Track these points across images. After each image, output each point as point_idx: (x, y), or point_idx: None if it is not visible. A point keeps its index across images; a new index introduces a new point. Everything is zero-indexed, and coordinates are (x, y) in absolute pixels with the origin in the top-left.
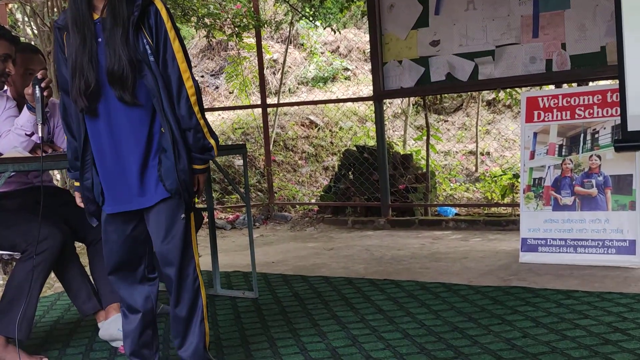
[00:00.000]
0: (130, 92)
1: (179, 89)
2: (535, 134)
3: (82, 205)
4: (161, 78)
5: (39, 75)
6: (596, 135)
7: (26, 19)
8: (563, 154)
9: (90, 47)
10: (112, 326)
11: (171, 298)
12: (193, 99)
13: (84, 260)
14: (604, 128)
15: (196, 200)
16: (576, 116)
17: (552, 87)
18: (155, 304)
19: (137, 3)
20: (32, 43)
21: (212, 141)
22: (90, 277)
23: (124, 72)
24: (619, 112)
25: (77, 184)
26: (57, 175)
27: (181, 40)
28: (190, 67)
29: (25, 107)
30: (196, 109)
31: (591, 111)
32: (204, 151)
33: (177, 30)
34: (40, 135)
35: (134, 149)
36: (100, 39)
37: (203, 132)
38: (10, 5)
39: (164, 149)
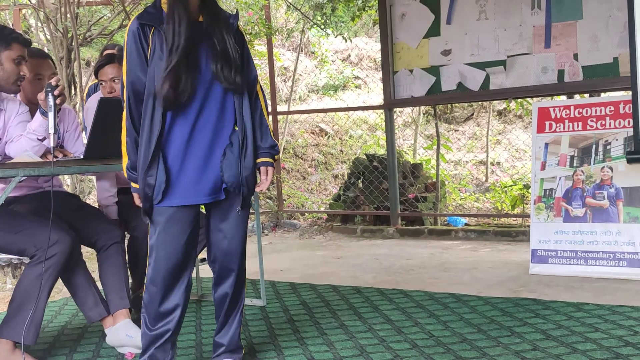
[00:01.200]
0: (238, 74)
1: (253, 91)
2: (546, 145)
3: (139, 204)
4: (244, 80)
5: (52, 82)
6: (608, 147)
7: (39, 24)
8: (574, 165)
9: (192, 45)
10: (120, 332)
11: (224, 287)
12: (263, 103)
13: (91, 266)
14: (616, 139)
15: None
16: (588, 127)
17: (563, 97)
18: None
19: (233, 14)
20: (45, 49)
21: (275, 140)
22: (100, 282)
23: (232, 55)
24: (631, 124)
25: (135, 185)
26: (67, 181)
27: None
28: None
29: (38, 112)
30: (265, 113)
31: (603, 122)
32: (272, 147)
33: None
34: (51, 143)
35: (220, 142)
36: (202, 41)
37: (270, 131)
38: (23, 11)
39: (231, 143)
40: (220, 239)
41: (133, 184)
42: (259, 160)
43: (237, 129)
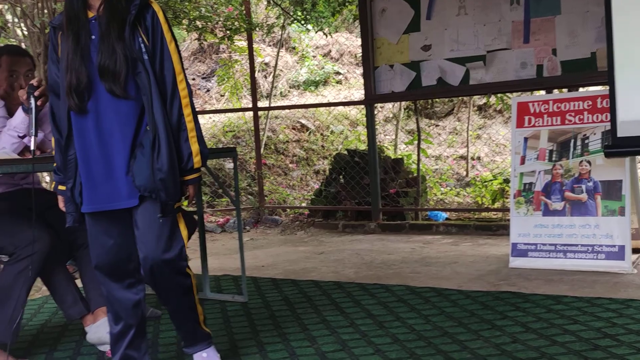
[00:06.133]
0: (121, 86)
1: (173, 89)
2: (525, 139)
3: (63, 207)
4: (154, 77)
5: (34, 83)
6: (586, 141)
7: (16, 20)
8: (553, 159)
9: (84, 44)
10: (100, 329)
11: (159, 298)
12: (185, 100)
13: None
14: (594, 134)
15: (185, 203)
16: (566, 122)
17: (542, 92)
18: (144, 309)
19: (134, 3)
20: (22, 45)
21: (195, 147)
22: (80, 280)
23: (117, 66)
24: (609, 118)
25: (61, 187)
26: (46, 178)
27: (176, 43)
28: (183, 69)
29: (20, 108)
30: (187, 111)
31: (581, 117)
32: (188, 157)
33: (172, 33)
34: (32, 146)
35: (121, 146)
36: (94, 37)
37: (188, 135)
38: (0, 7)
39: (142, 145)
40: (141, 244)
41: (60, 186)
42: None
43: (148, 129)
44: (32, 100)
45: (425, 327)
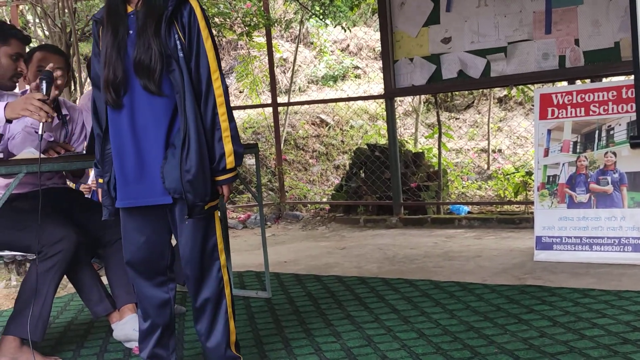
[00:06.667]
0: (155, 82)
1: (207, 88)
2: (549, 131)
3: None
4: (188, 76)
5: (48, 68)
6: (611, 132)
7: (37, 20)
8: (578, 151)
9: (121, 38)
10: (127, 327)
11: (192, 299)
12: (220, 99)
13: None
14: (619, 124)
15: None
16: (591, 113)
17: (565, 83)
18: (172, 308)
19: None
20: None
21: (228, 147)
22: (106, 277)
23: (152, 62)
24: (634, 108)
25: (100, 180)
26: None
27: (213, 40)
28: (220, 67)
29: None
30: (221, 110)
31: (606, 107)
32: (219, 163)
33: (210, 31)
34: (40, 130)
35: (154, 143)
36: (131, 31)
37: (222, 134)
38: (21, 7)
39: (174, 145)
40: (181, 243)
41: (99, 179)
42: (215, 178)
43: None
44: (44, 86)
45: (450, 322)
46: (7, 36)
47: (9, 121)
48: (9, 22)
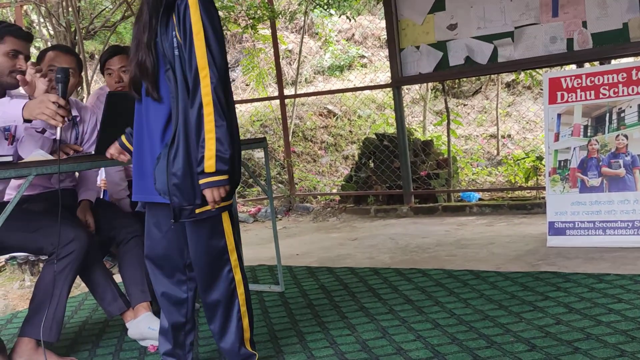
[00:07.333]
0: (152, 86)
1: (195, 87)
2: (559, 116)
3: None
4: (181, 77)
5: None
6: (622, 114)
7: (41, 19)
8: (588, 134)
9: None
10: (141, 325)
11: (202, 300)
12: (206, 99)
13: None
14: (630, 107)
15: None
16: (601, 95)
17: (573, 66)
18: (191, 308)
19: None
20: (49, 44)
21: (209, 150)
22: (120, 276)
23: (149, 65)
24: None
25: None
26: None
27: (209, 33)
28: (214, 62)
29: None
30: (207, 110)
31: (616, 90)
32: (200, 160)
33: (205, 23)
34: (58, 135)
35: (157, 142)
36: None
37: (205, 136)
38: (25, 7)
39: (166, 146)
40: (189, 246)
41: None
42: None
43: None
44: (59, 87)
45: (465, 311)
46: (2, 34)
47: (27, 121)
48: (13, 22)
